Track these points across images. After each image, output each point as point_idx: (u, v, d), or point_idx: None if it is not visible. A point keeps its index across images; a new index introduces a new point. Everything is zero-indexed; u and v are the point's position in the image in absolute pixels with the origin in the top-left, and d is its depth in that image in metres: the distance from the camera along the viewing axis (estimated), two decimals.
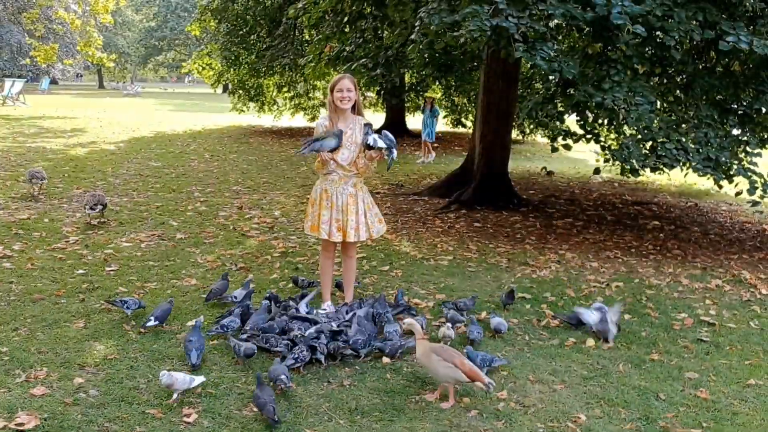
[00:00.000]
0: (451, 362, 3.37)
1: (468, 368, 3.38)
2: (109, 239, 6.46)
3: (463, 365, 3.37)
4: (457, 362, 3.37)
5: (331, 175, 4.44)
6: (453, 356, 3.41)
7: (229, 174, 11.24)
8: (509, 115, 9.20)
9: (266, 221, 7.69)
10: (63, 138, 15.11)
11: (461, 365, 3.37)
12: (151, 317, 4.16)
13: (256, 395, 3.22)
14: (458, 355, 3.46)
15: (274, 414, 3.10)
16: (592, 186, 12.05)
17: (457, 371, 3.36)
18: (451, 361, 3.37)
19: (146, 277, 5.32)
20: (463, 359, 3.43)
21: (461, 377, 3.37)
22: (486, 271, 6.03)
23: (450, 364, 3.36)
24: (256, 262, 6.00)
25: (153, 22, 62.53)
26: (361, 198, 4.48)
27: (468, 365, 3.40)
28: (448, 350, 3.48)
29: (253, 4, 18.05)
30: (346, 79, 4.37)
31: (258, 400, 3.19)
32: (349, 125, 4.45)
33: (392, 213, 8.53)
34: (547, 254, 6.71)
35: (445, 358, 3.39)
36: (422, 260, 6.29)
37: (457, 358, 3.40)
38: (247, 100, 21.09)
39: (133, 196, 8.73)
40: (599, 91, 5.40)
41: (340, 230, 4.44)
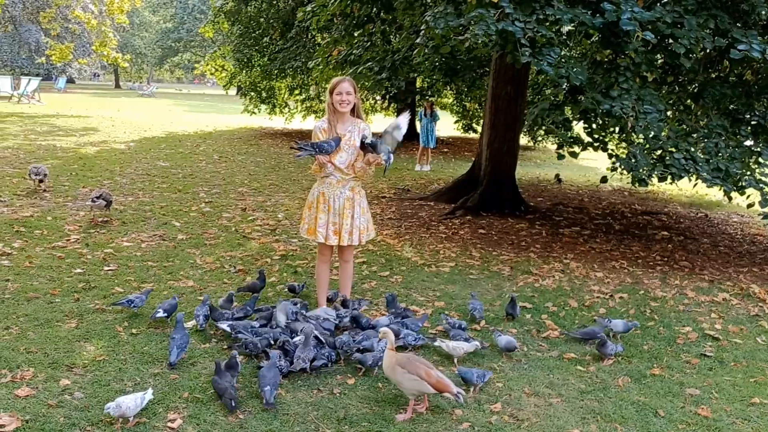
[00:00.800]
0: (416, 374, 3.26)
1: (434, 380, 3.26)
2: (111, 238, 6.44)
3: (429, 377, 3.26)
4: (422, 374, 3.26)
5: (328, 178, 4.38)
6: (418, 368, 3.29)
7: (235, 175, 11.22)
8: (517, 121, 9.10)
9: (269, 223, 7.65)
10: (74, 137, 15.19)
11: (427, 377, 3.26)
12: (160, 309, 4.23)
13: (215, 380, 3.31)
14: (424, 365, 3.34)
15: (232, 400, 3.22)
16: (601, 194, 11.91)
17: (422, 384, 3.25)
18: (416, 373, 3.26)
19: (144, 278, 5.28)
20: (429, 370, 3.31)
21: (428, 390, 3.27)
22: (487, 279, 5.93)
23: (415, 376, 3.26)
24: (255, 264, 5.94)
25: (170, 23, 62.96)
26: (357, 202, 4.41)
27: (435, 376, 3.28)
28: (413, 361, 3.35)
29: (266, 7, 18.10)
30: (346, 82, 4.32)
31: (218, 385, 3.28)
32: (347, 128, 4.39)
33: (396, 218, 8.46)
34: (551, 263, 6.61)
35: (410, 370, 3.28)
36: (423, 266, 6.20)
37: (422, 369, 3.28)
38: (259, 102, 21.16)
39: (138, 195, 8.72)
40: (607, 98, 5.30)
41: (336, 234, 4.38)
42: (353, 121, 4.43)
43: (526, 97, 8.98)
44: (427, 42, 5.99)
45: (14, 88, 28.02)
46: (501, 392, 3.67)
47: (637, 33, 5.08)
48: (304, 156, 4.31)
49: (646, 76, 5.60)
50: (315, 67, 8.47)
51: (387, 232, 7.57)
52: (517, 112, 8.97)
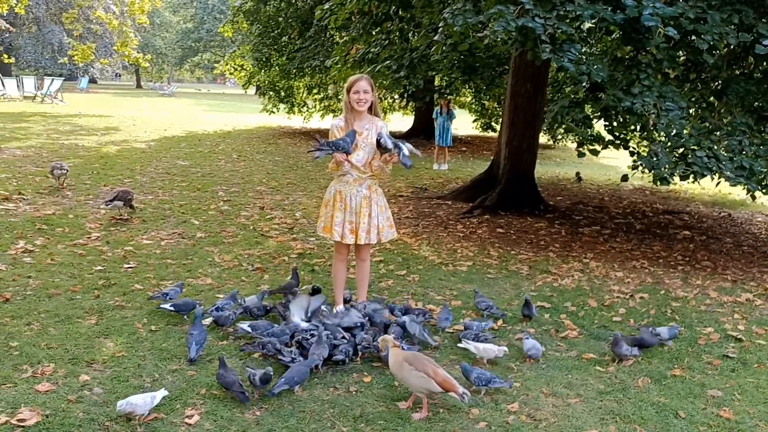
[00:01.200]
0: (423, 371, 3.25)
1: (441, 378, 3.25)
2: (131, 236, 6.51)
3: (436, 375, 3.25)
4: (429, 371, 3.25)
5: (345, 176, 4.38)
6: (425, 365, 3.29)
7: (254, 174, 11.28)
8: (537, 119, 9.02)
9: (287, 222, 7.67)
10: (96, 136, 15.38)
11: (434, 375, 3.25)
12: (169, 304, 4.36)
13: (221, 375, 3.34)
14: (432, 364, 3.33)
15: (242, 389, 3.28)
16: (622, 193, 11.78)
17: (429, 381, 3.24)
18: (423, 370, 3.26)
19: (162, 275, 5.33)
20: (436, 369, 3.30)
21: (434, 388, 3.25)
22: (505, 278, 5.89)
23: (422, 373, 3.25)
24: (272, 263, 5.97)
25: (190, 23, 63.53)
26: (374, 200, 4.40)
27: (441, 375, 3.27)
28: (421, 359, 3.36)
29: (285, 6, 18.16)
30: (363, 81, 4.30)
31: (224, 379, 3.32)
32: (365, 126, 4.38)
33: (414, 216, 8.43)
34: (570, 262, 6.54)
35: (417, 367, 3.28)
36: (440, 265, 6.18)
37: (429, 368, 3.28)
38: (278, 101, 21.25)
39: (158, 194, 8.80)
40: (628, 95, 5.22)
41: (353, 232, 4.37)
42: (370, 119, 4.42)
43: (546, 95, 8.89)
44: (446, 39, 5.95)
45: (38, 88, 28.46)
46: (518, 392, 3.64)
47: (659, 29, 5.00)
48: (321, 156, 4.31)
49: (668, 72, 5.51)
50: (333, 66, 8.47)
51: (404, 231, 7.55)
52: (536, 109, 8.90)
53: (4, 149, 11.86)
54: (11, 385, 3.31)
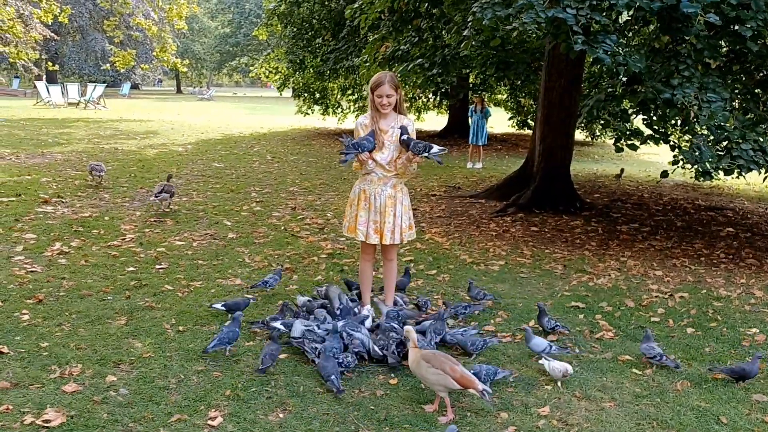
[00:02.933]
0: (441, 369, 3.21)
1: (459, 375, 3.20)
2: (164, 237, 6.57)
3: (453, 371, 3.20)
4: (447, 369, 3.20)
5: (370, 175, 4.31)
6: (443, 363, 3.24)
7: (287, 175, 11.32)
8: (571, 115, 8.81)
9: (318, 222, 7.66)
10: (135, 140, 15.70)
11: (452, 371, 3.20)
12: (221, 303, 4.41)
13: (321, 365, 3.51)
14: (450, 361, 3.27)
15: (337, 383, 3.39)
16: (662, 190, 11.42)
17: (446, 378, 3.19)
18: (440, 367, 3.21)
19: (193, 276, 5.35)
20: (454, 365, 3.24)
21: (452, 384, 3.19)
22: (539, 277, 5.74)
23: (439, 370, 3.21)
24: (302, 263, 5.94)
25: (227, 28, 64.48)
26: (399, 200, 4.32)
27: (459, 371, 3.21)
28: (438, 357, 3.30)
29: (319, 8, 18.23)
30: (386, 85, 4.17)
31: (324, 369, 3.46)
32: (390, 124, 4.30)
33: (446, 216, 8.32)
34: (607, 261, 6.35)
35: (435, 365, 3.23)
36: (472, 264, 6.06)
37: (447, 365, 3.23)
38: (312, 103, 21.35)
39: (192, 196, 8.90)
40: (668, 87, 5.01)
41: (378, 232, 4.30)
42: (396, 117, 4.33)
43: (581, 90, 8.67)
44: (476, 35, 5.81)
45: (81, 95, 29.25)
46: (549, 395, 3.51)
47: (699, 16, 4.78)
48: (350, 160, 4.24)
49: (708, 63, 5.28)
50: (362, 65, 8.41)
51: (435, 230, 7.45)
52: (571, 105, 8.69)
53: (46, 153, 12.19)
54: (39, 386, 3.34)
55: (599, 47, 4.82)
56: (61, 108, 26.86)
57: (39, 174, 9.89)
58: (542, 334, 4.32)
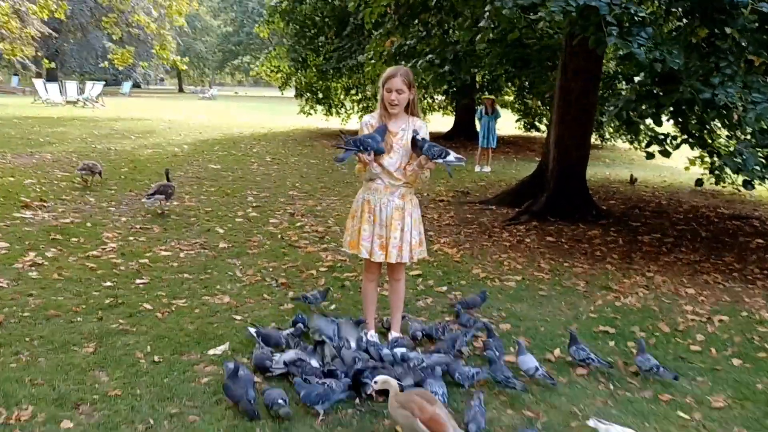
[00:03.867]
0: (409, 410, 2.75)
1: (428, 416, 2.72)
2: (148, 247, 6.04)
3: (423, 412, 2.73)
4: (415, 410, 2.74)
5: (375, 182, 3.77)
6: (413, 403, 2.78)
7: (287, 178, 10.79)
8: (589, 118, 8.27)
9: (318, 230, 7.12)
10: (130, 139, 15.19)
11: (420, 412, 2.73)
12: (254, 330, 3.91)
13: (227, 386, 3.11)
14: (425, 401, 2.80)
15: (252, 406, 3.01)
16: (681, 196, 10.87)
17: (414, 420, 2.73)
18: (408, 408, 2.76)
19: (176, 293, 4.81)
20: (426, 406, 2.75)
21: (419, 427, 2.72)
22: (560, 295, 5.19)
23: (408, 412, 2.75)
24: (299, 277, 5.41)
25: (230, 27, 64.00)
26: (408, 212, 3.78)
27: (430, 413, 2.73)
28: (412, 396, 2.85)
29: (322, 5, 17.71)
30: (398, 78, 3.65)
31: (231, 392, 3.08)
32: (400, 126, 3.77)
33: (455, 224, 7.78)
34: (632, 277, 5.80)
35: (403, 405, 2.79)
36: (486, 280, 5.52)
37: (417, 405, 2.76)
38: (315, 102, 20.82)
39: (184, 200, 8.36)
40: (707, 86, 4.47)
41: (383, 248, 3.76)
42: (407, 118, 3.80)
43: (599, 91, 8.12)
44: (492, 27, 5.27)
45: (79, 93, 28.79)
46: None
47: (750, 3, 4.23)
48: (346, 158, 3.72)
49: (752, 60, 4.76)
50: (367, 62, 7.89)
51: (445, 240, 6.91)
52: (588, 106, 8.15)
53: (35, 153, 11.67)
54: None
55: (633, 40, 4.27)
56: (58, 106, 26.37)
57: (23, 175, 9.37)
58: (571, 364, 3.78)
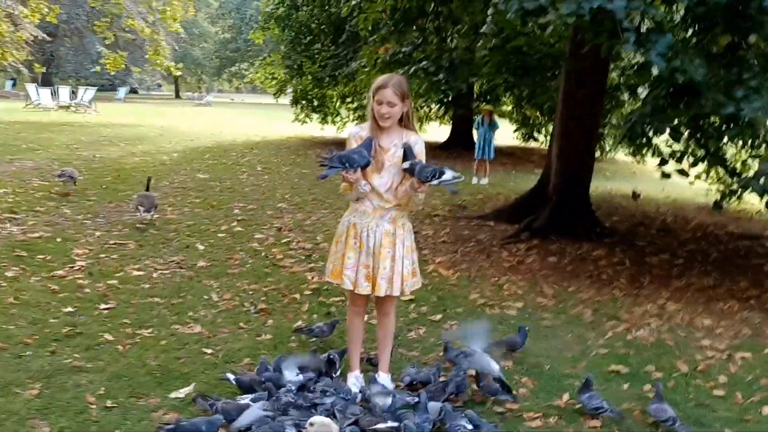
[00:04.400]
0: None
1: None
2: (120, 265, 5.59)
3: None
4: None
5: (362, 204, 3.33)
6: None
7: (277, 189, 10.35)
8: (593, 129, 7.87)
9: (305, 247, 6.68)
10: (118, 146, 14.75)
11: None
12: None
13: None
14: None
15: None
16: (686, 213, 10.46)
17: None
18: None
19: (143, 320, 4.36)
20: None
21: None
22: (565, 326, 4.75)
23: None
24: (281, 301, 4.96)
25: (228, 33, 63.69)
26: (400, 239, 3.33)
27: None
28: None
29: (318, 12, 17.35)
30: (389, 89, 3.20)
31: None
32: (393, 141, 3.33)
33: (451, 241, 7.34)
34: (642, 304, 5.36)
35: None
36: (484, 307, 5.08)
37: None
38: (310, 110, 20.42)
39: (166, 212, 7.91)
40: (731, 99, 4.07)
41: (369, 279, 3.31)
42: (401, 132, 3.36)
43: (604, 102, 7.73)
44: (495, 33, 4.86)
45: (72, 98, 28.35)
46: None
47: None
48: (331, 175, 3.29)
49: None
50: (360, 70, 7.48)
51: (440, 259, 6.47)
52: (592, 119, 7.75)
53: (15, 161, 11.21)
54: None
55: (652, 48, 3.86)
56: (50, 111, 25.93)
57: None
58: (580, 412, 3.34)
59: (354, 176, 3.16)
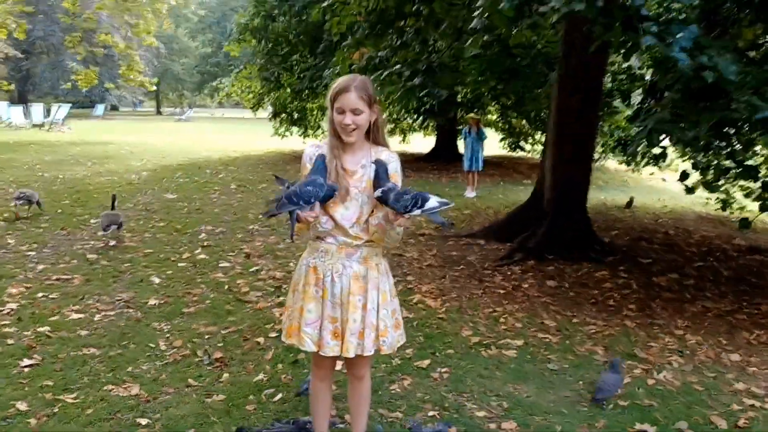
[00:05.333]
0: None
1: None
2: (58, 307, 4.83)
3: None
4: None
5: (324, 241, 2.62)
6: None
7: (250, 209, 9.61)
8: (590, 138, 7.26)
9: (275, 276, 5.95)
10: (84, 166, 13.93)
11: None
12: None
13: None
14: None
15: None
16: (686, 224, 9.86)
17: None
18: None
19: (69, 381, 3.61)
20: None
21: None
22: (574, 369, 4.07)
23: None
24: (241, 347, 4.23)
25: (208, 48, 62.94)
26: (373, 284, 2.63)
27: None
28: None
29: (295, 24, 16.70)
30: (352, 93, 2.49)
31: None
32: (359, 161, 2.62)
33: (438, 265, 6.65)
34: (658, 337, 4.70)
35: None
36: (479, 347, 4.38)
37: None
38: (290, 124, 19.72)
39: (124, 239, 7.14)
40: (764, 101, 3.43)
41: (338, 336, 2.60)
42: (369, 149, 2.66)
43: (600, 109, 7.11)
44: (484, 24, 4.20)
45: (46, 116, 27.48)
46: None
47: None
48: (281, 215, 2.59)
49: None
50: (333, 77, 6.82)
51: (426, 287, 5.77)
52: (589, 128, 7.14)
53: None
54: None
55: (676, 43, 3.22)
56: (21, 130, 25.02)
57: None
58: None
59: (313, 214, 2.45)
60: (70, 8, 19.79)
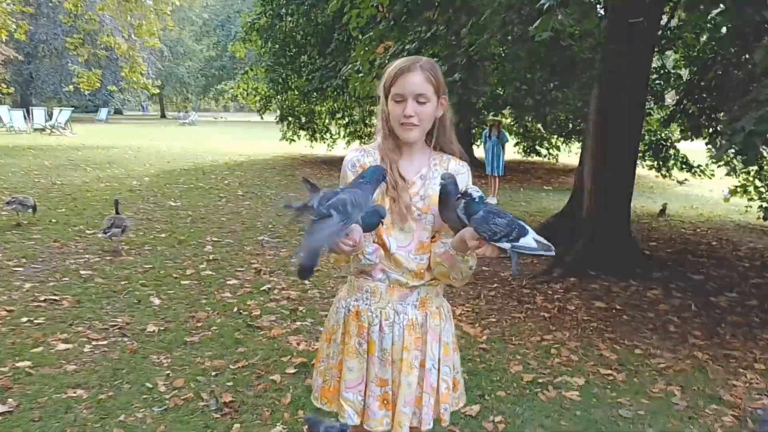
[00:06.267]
0: None
1: None
2: (43, 335, 4.20)
3: None
4: None
5: (369, 280, 1.97)
6: None
7: (258, 217, 8.99)
8: (634, 142, 6.61)
9: (290, 296, 5.31)
10: (84, 171, 13.33)
11: None
12: None
13: None
14: None
15: None
16: (730, 234, 9.18)
17: None
18: None
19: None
20: None
21: None
22: (653, 417, 3.40)
23: None
24: (254, 387, 3.58)
25: (213, 51, 62.49)
26: (434, 334, 1.99)
27: None
28: None
29: (304, 22, 16.09)
30: (417, 74, 1.84)
31: None
32: (419, 169, 1.97)
33: (471, 281, 6.00)
34: (738, 372, 4.03)
35: None
36: (534, 387, 3.72)
37: None
38: (297, 128, 19.09)
39: (121, 253, 6.51)
40: None
41: (387, 404, 1.95)
42: (432, 156, 2.00)
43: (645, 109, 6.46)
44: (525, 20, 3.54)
45: (47, 119, 26.95)
46: None
47: None
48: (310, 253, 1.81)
49: None
50: (352, 75, 6.16)
51: (461, 310, 5.12)
52: (634, 130, 6.48)
53: None
54: None
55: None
56: (23, 134, 24.48)
57: None
58: None
59: (351, 242, 1.71)
60: (71, 9, 19.28)
